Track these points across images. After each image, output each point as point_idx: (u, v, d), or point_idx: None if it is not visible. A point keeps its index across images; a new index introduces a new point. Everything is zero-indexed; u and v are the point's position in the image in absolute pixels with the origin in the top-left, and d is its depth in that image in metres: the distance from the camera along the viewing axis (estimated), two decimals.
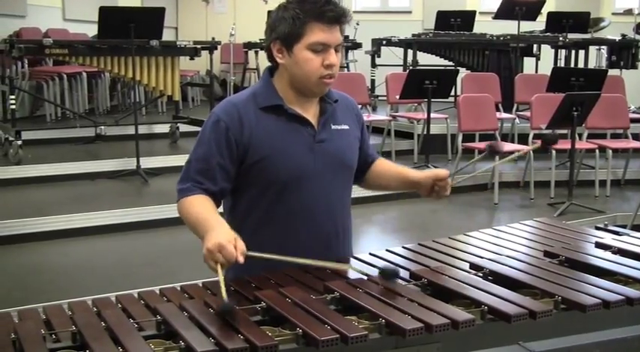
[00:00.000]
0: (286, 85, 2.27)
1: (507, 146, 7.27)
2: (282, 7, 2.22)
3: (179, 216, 2.26)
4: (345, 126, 2.37)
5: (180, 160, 5.23)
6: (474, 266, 2.24)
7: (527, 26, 9.42)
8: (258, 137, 2.23)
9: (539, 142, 2.83)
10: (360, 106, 8.31)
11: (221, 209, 2.36)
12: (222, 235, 2.00)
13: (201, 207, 2.18)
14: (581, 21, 9.43)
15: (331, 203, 2.34)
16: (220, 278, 1.90)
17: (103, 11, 6.40)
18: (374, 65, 9.65)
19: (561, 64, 9.63)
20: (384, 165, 2.59)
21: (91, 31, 7.85)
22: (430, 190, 2.44)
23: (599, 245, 2.50)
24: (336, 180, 2.34)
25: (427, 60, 9.57)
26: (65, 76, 8.07)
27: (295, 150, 2.25)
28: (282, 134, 2.25)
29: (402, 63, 9.45)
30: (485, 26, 9.75)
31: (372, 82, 9.62)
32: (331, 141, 2.31)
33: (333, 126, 2.33)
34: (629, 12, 10.12)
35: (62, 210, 5.61)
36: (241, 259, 1.97)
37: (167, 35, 8.24)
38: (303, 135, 2.27)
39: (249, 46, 10.24)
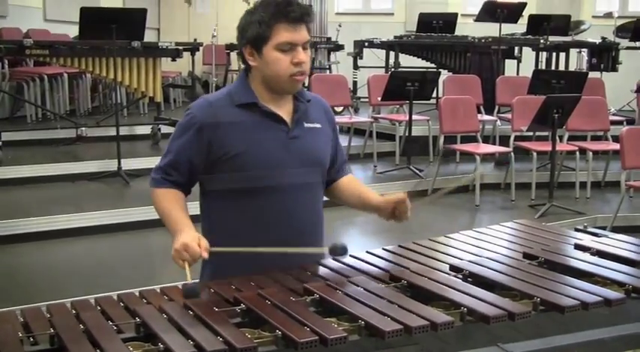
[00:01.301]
0: (260, 85, 2.34)
1: (486, 147, 7.32)
2: (249, 12, 2.31)
3: (161, 218, 2.33)
4: (318, 125, 2.43)
5: None
6: (454, 268, 2.26)
7: (508, 29, 9.46)
8: (233, 133, 2.29)
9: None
10: (342, 108, 8.37)
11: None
12: (187, 236, 2.17)
13: (171, 203, 2.32)
14: (562, 24, 9.50)
15: (304, 198, 2.39)
16: (187, 272, 2.09)
17: (84, 12, 6.35)
18: (356, 67, 9.66)
19: (542, 66, 9.68)
20: (352, 183, 2.62)
21: (72, 31, 7.78)
22: (391, 215, 2.48)
23: (578, 247, 2.51)
24: (308, 176, 2.39)
25: (409, 62, 9.59)
26: (46, 76, 8.00)
27: (269, 146, 2.31)
28: (257, 130, 2.31)
29: (384, 65, 9.46)
30: (467, 28, 9.79)
31: (354, 83, 9.63)
32: (304, 139, 2.37)
33: (306, 124, 2.40)
34: (609, 15, 10.22)
35: (43, 211, 5.56)
36: (205, 255, 2.14)
37: (149, 36, 8.20)
38: (277, 132, 2.33)
39: (231, 47, 10.15)
